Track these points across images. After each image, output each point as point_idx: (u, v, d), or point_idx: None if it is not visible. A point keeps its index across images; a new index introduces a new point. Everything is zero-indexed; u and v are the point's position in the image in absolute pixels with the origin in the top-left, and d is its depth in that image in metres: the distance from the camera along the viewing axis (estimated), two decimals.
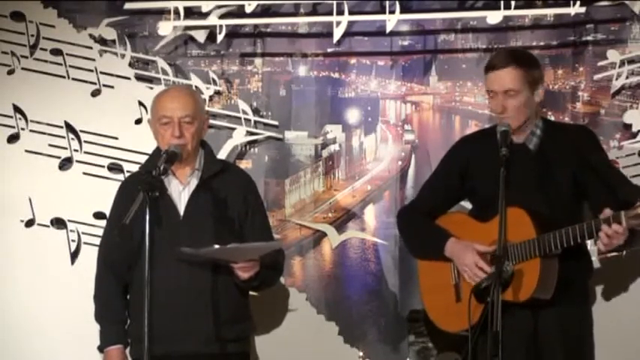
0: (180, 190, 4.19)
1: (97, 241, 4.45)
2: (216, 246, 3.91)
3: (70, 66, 5.10)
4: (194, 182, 4.19)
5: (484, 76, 4.09)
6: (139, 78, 5.11)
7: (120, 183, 4.50)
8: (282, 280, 4.78)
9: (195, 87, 5.00)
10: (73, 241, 5.05)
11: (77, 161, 5.08)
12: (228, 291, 4.14)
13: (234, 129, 5.04)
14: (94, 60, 5.11)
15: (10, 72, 5.13)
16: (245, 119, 5.05)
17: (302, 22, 5.05)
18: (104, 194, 4.74)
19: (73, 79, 5.10)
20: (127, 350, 4.25)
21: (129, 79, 5.10)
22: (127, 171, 4.99)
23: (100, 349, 4.25)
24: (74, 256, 5.04)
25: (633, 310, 4.60)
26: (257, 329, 4.49)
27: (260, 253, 4.04)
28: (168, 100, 4.18)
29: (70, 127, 5.08)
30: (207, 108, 4.83)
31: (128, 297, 4.25)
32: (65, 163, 5.10)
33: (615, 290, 4.60)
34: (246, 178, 4.36)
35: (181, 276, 4.07)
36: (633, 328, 4.60)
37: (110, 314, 4.23)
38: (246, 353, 4.29)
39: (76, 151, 5.08)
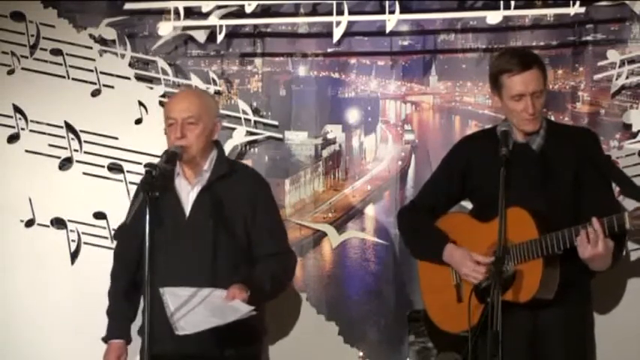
0: (189, 190, 4.21)
1: (97, 241, 4.46)
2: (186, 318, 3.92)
3: (70, 66, 5.10)
4: (201, 183, 4.21)
5: (504, 80, 3.97)
6: (139, 78, 5.11)
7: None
8: None
9: (195, 87, 5.00)
10: (73, 241, 5.04)
11: (77, 161, 5.08)
12: None
13: (234, 129, 5.04)
14: (94, 60, 5.11)
15: (10, 72, 5.13)
16: (245, 119, 5.04)
17: (302, 22, 5.05)
18: (104, 194, 4.74)
19: (73, 79, 5.10)
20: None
21: (129, 79, 5.10)
22: (127, 171, 4.99)
23: (105, 340, 4.32)
24: (74, 256, 5.04)
25: (634, 310, 4.60)
26: None
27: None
28: (174, 102, 4.24)
29: (70, 127, 5.08)
30: None
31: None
32: (65, 163, 5.10)
33: (616, 290, 4.60)
34: (255, 180, 4.33)
35: (186, 276, 4.08)
36: (634, 328, 4.59)
37: (117, 311, 4.32)
38: (254, 355, 4.29)
39: (76, 151, 5.08)
